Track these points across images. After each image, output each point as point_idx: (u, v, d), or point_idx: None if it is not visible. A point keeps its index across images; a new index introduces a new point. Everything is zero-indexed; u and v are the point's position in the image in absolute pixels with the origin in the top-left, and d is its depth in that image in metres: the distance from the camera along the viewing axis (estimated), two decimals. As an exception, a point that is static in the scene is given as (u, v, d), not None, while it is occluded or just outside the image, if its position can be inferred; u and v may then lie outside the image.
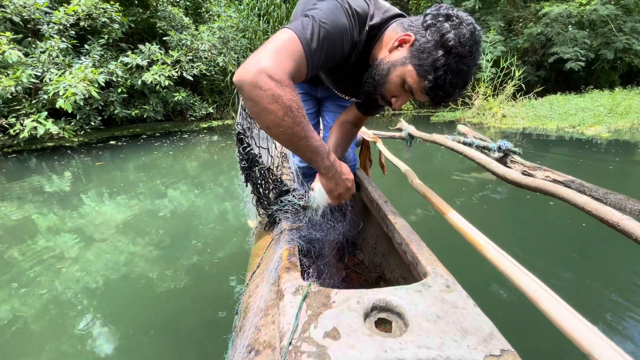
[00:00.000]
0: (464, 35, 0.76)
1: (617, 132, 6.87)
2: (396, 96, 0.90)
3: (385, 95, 0.91)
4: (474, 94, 10.35)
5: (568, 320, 0.53)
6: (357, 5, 0.84)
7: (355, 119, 1.25)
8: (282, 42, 0.73)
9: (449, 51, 0.77)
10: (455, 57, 0.77)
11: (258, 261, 1.13)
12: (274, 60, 0.70)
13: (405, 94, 0.89)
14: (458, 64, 0.78)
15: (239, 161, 1.18)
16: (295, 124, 0.74)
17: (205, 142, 6.72)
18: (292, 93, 0.72)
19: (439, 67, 0.78)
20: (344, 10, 0.81)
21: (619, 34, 11.36)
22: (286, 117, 0.72)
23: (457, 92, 0.83)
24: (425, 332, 0.60)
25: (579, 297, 1.94)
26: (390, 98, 0.91)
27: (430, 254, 0.90)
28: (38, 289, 2.03)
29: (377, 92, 0.92)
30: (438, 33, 0.79)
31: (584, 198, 0.90)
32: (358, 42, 0.87)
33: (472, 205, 3.30)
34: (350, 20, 0.82)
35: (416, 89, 0.84)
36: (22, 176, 4.42)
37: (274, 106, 0.70)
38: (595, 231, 2.57)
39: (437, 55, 0.78)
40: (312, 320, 0.63)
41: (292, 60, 0.73)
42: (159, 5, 8.15)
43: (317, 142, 0.81)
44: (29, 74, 5.47)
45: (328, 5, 0.80)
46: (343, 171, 0.92)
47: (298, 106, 0.73)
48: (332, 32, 0.77)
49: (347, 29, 0.81)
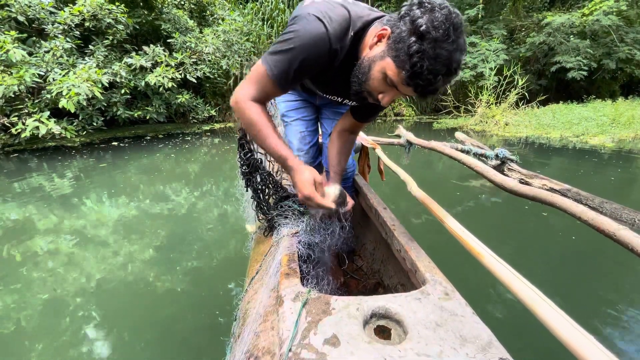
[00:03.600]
0: (437, 19, 0.74)
1: (621, 142, 6.88)
2: (382, 92, 0.89)
3: (372, 93, 0.91)
4: (477, 102, 10.38)
5: (566, 329, 0.53)
6: (334, 15, 0.88)
7: (351, 126, 1.26)
8: (252, 72, 0.95)
9: (422, 36, 0.75)
10: (430, 42, 0.74)
11: (257, 267, 1.13)
12: (242, 88, 0.96)
13: (391, 89, 0.87)
14: (435, 49, 0.75)
15: (240, 166, 1.19)
16: (256, 134, 0.98)
17: (207, 145, 6.73)
18: (254, 111, 0.95)
19: (414, 54, 0.76)
20: (316, 27, 0.86)
21: (620, 44, 11.41)
22: (249, 129, 0.98)
23: (439, 79, 0.78)
24: (425, 340, 0.60)
25: (575, 305, 1.93)
26: (377, 95, 0.90)
27: (429, 261, 0.90)
28: (36, 289, 2.03)
29: (363, 90, 0.92)
30: (410, 20, 0.77)
31: (581, 207, 0.90)
32: (338, 49, 0.90)
33: (470, 213, 3.30)
34: (326, 31, 0.86)
35: (397, 82, 0.83)
36: (23, 176, 4.43)
37: (242, 120, 0.99)
38: (587, 243, 2.58)
39: (410, 42, 0.76)
40: (311, 327, 0.63)
41: (256, 86, 0.94)
42: (164, 8, 8.20)
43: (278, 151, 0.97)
44: (32, 73, 5.47)
45: (299, 25, 0.88)
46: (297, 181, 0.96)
47: (259, 121, 0.95)
48: (297, 52, 0.87)
49: (318, 44, 0.87)
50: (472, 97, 10.61)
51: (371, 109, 1.18)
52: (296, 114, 1.54)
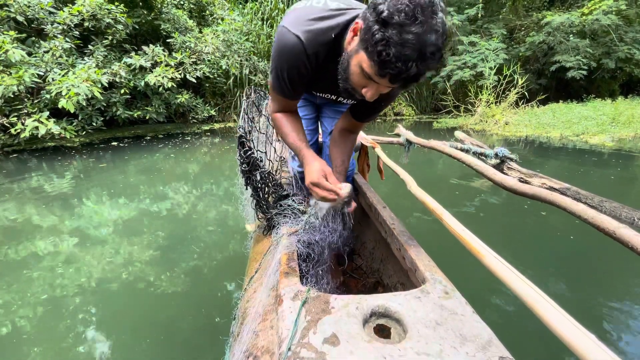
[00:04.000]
0: (400, 2, 0.70)
1: (621, 141, 6.88)
2: (364, 86, 0.88)
3: (356, 88, 0.90)
4: (477, 101, 10.38)
5: (566, 328, 0.53)
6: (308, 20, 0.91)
7: (351, 125, 1.28)
8: (270, 93, 1.18)
9: (386, 23, 0.72)
10: (394, 27, 0.71)
11: (256, 266, 1.13)
12: (270, 106, 1.20)
13: (371, 83, 0.85)
14: (400, 34, 0.71)
15: (240, 164, 1.19)
16: (281, 135, 1.18)
17: (206, 145, 6.72)
18: (277, 120, 1.17)
19: (378, 43, 0.73)
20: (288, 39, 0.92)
21: (620, 43, 11.40)
22: (278, 132, 1.21)
23: (411, 66, 0.74)
24: (424, 339, 0.60)
25: (575, 304, 1.93)
26: (360, 90, 0.89)
27: (428, 260, 0.90)
28: (35, 290, 2.02)
29: (348, 86, 0.91)
30: (373, 8, 0.75)
31: (581, 206, 0.90)
32: (318, 51, 0.94)
33: (470, 212, 3.30)
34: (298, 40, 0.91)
35: (372, 74, 0.81)
36: (22, 176, 4.42)
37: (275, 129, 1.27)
38: (586, 242, 2.58)
39: (374, 31, 0.74)
40: (311, 326, 0.63)
41: (274, 102, 1.16)
42: (163, 8, 8.19)
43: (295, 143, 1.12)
44: (31, 73, 5.46)
45: (276, 41, 0.97)
46: (306, 170, 1.04)
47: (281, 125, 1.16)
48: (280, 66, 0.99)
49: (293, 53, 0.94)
50: (472, 96, 10.59)
51: (369, 108, 1.18)
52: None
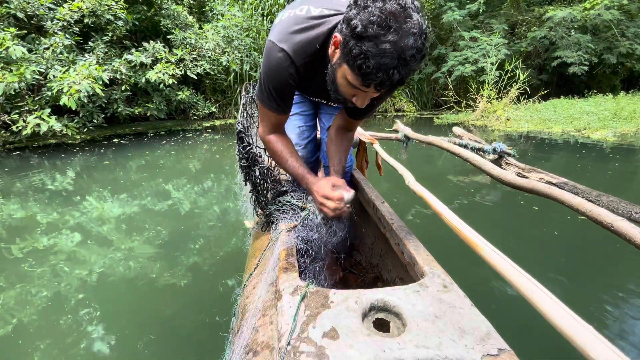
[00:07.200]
0: (372, 14, 0.71)
1: (623, 136, 6.86)
2: (353, 95, 0.90)
3: (346, 97, 0.92)
4: (478, 97, 10.34)
5: (564, 320, 0.53)
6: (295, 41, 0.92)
7: (347, 123, 1.28)
8: (259, 112, 1.12)
9: (360, 37, 0.73)
10: (369, 40, 0.72)
11: (255, 262, 1.13)
12: (260, 129, 1.15)
13: (359, 91, 0.86)
14: (377, 45, 0.72)
15: (239, 160, 1.19)
16: (278, 161, 1.15)
17: (207, 142, 6.72)
18: (271, 143, 1.13)
19: (357, 57, 0.74)
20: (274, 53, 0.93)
21: (621, 38, 11.33)
22: (273, 158, 1.16)
23: (394, 73, 0.75)
24: (423, 332, 0.60)
25: (573, 296, 1.93)
26: (351, 98, 0.91)
27: (427, 254, 0.90)
28: (37, 286, 2.04)
29: (339, 96, 0.93)
30: (347, 24, 0.76)
31: (579, 199, 0.90)
32: (308, 62, 0.95)
33: (469, 206, 3.30)
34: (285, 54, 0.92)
35: (357, 85, 0.82)
36: (24, 173, 4.44)
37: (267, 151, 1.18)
38: (582, 235, 2.59)
39: (351, 45, 0.75)
40: (310, 321, 0.63)
41: (263, 121, 1.11)
42: (163, 4, 8.15)
43: (296, 171, 1.10)
44: (32, 70, 5.46)
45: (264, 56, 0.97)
46: (316, 196, 1.05)
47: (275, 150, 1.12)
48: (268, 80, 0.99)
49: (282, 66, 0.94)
50: (473, 92, 10.56)
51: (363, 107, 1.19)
52: (295, 108, 1.53)
